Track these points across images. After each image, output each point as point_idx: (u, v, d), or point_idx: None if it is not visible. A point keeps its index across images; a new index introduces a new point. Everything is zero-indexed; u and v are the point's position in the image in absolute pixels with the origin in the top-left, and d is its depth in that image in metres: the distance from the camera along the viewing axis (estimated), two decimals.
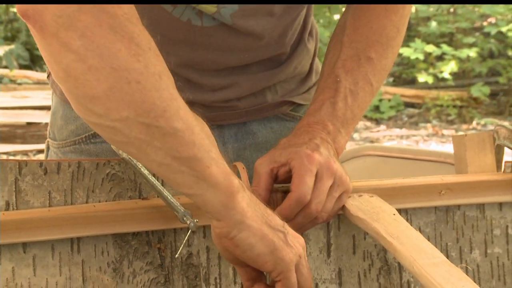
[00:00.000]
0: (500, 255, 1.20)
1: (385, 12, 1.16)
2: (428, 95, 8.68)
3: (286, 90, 1.29)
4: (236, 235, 0.93)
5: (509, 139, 1.17)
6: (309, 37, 1.31)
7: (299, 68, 1.29)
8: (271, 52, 1.23)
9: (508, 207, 1.20)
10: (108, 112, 0.87)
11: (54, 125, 1.29)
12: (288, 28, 1.23)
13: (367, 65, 1.13)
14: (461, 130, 7.92)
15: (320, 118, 1.10)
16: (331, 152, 1.07)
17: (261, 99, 1.26)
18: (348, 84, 1.12)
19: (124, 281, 1.04)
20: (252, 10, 1.15)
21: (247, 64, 1.22)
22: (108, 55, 0.85)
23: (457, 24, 8.79)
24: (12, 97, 7.58)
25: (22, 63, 9.00)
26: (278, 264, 0.95)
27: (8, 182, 1.00)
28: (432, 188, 1.16)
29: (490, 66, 8.77)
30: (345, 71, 1.12)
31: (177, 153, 0.89)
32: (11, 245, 1.00)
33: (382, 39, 1.15)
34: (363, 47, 1.14)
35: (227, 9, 1.14)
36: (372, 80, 1.13)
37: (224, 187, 0.92)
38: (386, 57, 1.16)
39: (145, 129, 0.87)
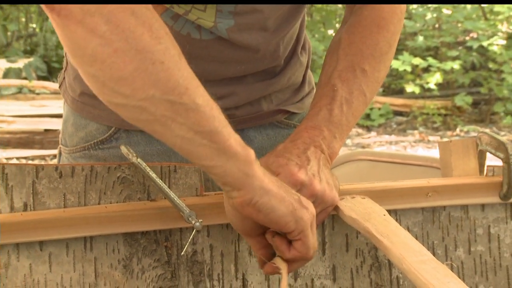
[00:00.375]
0: (482, 252, 1.19)
1: (378, 28, 1.16)
2: (415, 104, 8.68)
3: (281, 100, 1.28)
4: (258, 201, 0.93)
5: (491, 145, 1.17)
6: (302, 51, 1.31)
7: (292, 79, 1.29)
8: (266, 64, 1.23)
9: (490, 208, 1.20)
10: (135, 92, 0.87)
11: (66, 132, 1.29)
12: (281, 42, 1.23)
13: (362, 76, 1.13)
14: (446, 136, 7.92)
15: (317, 123, 1.10)
16: (321, 163, 1.06)
17: (257, 108, 1.26)
18: (344, 93, 1.11)
19: (133, 277, 1.04)
20: (247, 25, 1.15)
21: (243, 75, 1.22)
22: (132, 38, 0.85)
23: (442, 39, 8.79)
24: (31, 106, 7.58)
25: (40, 74, 9.00)
26: (299, 223, 0.95)
27: (26, 185, 1.00)
28: (419, 191, 1.15)
29: (472, 78, 8.77)
30: (341, 81, 1.12)
31: (199, 127, 0.89)
32: (29, 244, 1.00)
33: (375, 53, 1.15)
34: (357, 60, 1.14)
35: (223, 24, 1.13)
36: (366, 91, 1.13)
37: (243, 157, 0.92)
38: (379, 70, 1.16)
39: (170, 106, 0.87)
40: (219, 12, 1.12)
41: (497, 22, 8.67)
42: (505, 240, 1.21)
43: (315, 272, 1.12)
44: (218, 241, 1.08)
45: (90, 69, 0.87)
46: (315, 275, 1.12)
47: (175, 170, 1.06)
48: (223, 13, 1.13)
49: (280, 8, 1.17)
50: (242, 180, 0.92)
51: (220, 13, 1.13)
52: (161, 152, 1.22)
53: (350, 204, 1.08)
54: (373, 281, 1.15)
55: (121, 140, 1.22)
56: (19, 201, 1.00)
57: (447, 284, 0.90)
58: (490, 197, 1.18)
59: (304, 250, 0.98)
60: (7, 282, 0.99)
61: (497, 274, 1.20)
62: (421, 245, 0.99)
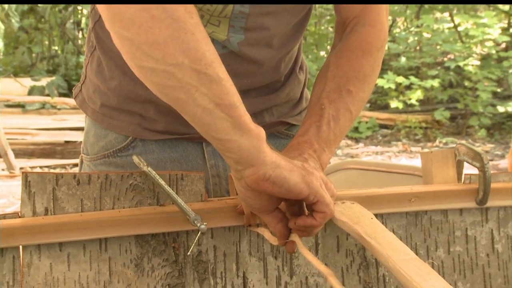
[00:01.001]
0: (460, 252, 1.19)
1: (362, 53, 1.16)
2: (398, 118, 8.69)
3: (281, 113, 1.29)
4: (271, 174, 0.92)
5: (468, 155, 1.17)
6: (300, 70, 1.32)
7: (291, 94, 1.30)
8: (268, 79, 1.24)
9: (467, 212, 1.19)
10: (166, 57, 0.86)
11: (87, 142, 1.29)
12: (282, 59, 1.24)
13: (347, 96, 1.13)
14: (427, 147, 7.92)
15: (308, 138, 1.10)
16: (317, 164, 1.06)
17: (260, 120, 1.26)
18: (331, 111, 1.11)
19: (144, 275, 1.04)
20: (255, 40, 1.16)
21: (248, 89, 1.22)
22: (169, 8, 0.85)
23: (422, 60, 8.81)
24: (53, 120, 7.60)
25: (61, 91, 9.02)
26: (311, 187, 0.94)
27: (47, 191, 1.00)
28: (403, 196, 1.15)
29: (450, 94, 8.79)
30: (329, 101, 1.12)
31: (220, 99, 0.89)
32: (49, 245, 1.00)
33: (359, 76, 1.15)
34: (343, 82, 1.14)
35: (235, 38, 1.14)
36: (351, 109, 1.13)
37: (255, 134, 0.92)
38: (363, 91, 1.16)
39: (196, 75, 0.87)
40: (232, 28, 1.13)
41: (472, 45, 8.69)
42: (481, 241, 1.20)
43: (309, 270, 1.12)
44: (221, 243, 1.08)
45: (127, 33, 0.87)
46: (309, 273, 1.12)
47: (182, 178, 1.05)
48: (235, 28, 1.14)
49: (284, 28, 1.18)
50: (255, 156, 0.91)
51: (232, 28, 1.13)
52: (174, 159, 1.22)
53: (340, 208, 1.08)
54: (361, 278, 1.14)
55: (138, 148, 1.22)
56: (40, 206, 1.00)
57: (429, 281, 0.89)
58: (467, 203, 1.18)
59: (325, 208, 0.96)
60: (30, 279, 0.99)
61: (474, 272, 1.19)
62: (405, 246, 0.98)
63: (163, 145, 1.22)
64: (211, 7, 1.11)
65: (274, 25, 1.16)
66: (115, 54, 1.12)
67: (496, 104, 8.26)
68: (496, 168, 6.43)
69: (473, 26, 8.70)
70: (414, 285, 0.89)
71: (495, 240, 1.21)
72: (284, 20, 1.17)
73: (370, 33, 1.18)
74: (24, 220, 0.98)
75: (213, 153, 1.24)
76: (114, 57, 1.18)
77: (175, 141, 1.23)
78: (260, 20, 1.14)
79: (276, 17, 1.16)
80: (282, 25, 1.17)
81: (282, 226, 1.00)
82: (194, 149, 1.24)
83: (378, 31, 1.18)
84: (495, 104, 8.26)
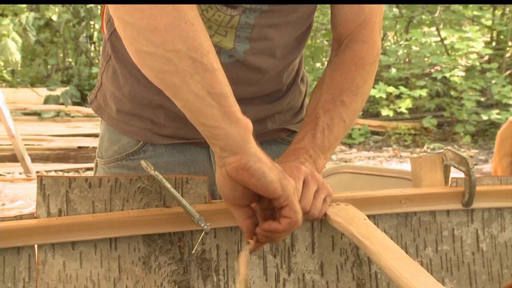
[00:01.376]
0: (447, 251, 1.19)
1: (356, 67, 1.17)
2: (389, 125, 8.69)
3: (283, 120, 1.29)
4: (252, 166, 0.90)
5: (454, 160, 1.16)
6: (301, 82, 1.33)
7: (292, 103, 1.30)
8: (270, 87, 1.24)
9: (454, 213, 1.19)
10: (165, 43, 0.86)
11: (102, 147, 1.29)
12: (285, 69, 1.24)
13: (341, 106, 1.13)
14: (415, 152, 7.91)
15: (303, 145, 1.10)
16: (313, 168, 1.06)
17: (263, 126, 1.26)
18: (326, 120, 1.11)
19: (151, 272, 1.03)
20: (259, 50, 1.16)
21: (252, 97, 1.22)
22: None
23: (411, 71, 8.81)
24: (67, 127, 7.60)
25: (74, 100, 9.02)
26: (285, 190, 0.92)
27: (61, 194, 1.00)
28: (394, 199, 1.15)
29: (437, 103, 8.79)
30: (324, 111, 1.12)
31: (212, 88, 0.88)
32: (63, 244, 0.99)
33: (352, 87, 1.15)
34: (338, 93, 1.14)
35: (241, 47, 1.15)
36: (345, 118, 1.13)
37: (243, 124, 0.91)
38: (356, 102, 1.16)
39: (191, 63, 0.87)
40: (238, 37, 1.14)
41: (457, 57, 8.69)
42: (466, 240, 1.20)
43: (306, 268, 1.11)
44: (224, 242, 1.07)
45: (130, 18, 0.87)
46: (306, 270, 1.11)
47: (187, 181, 1.05)
48: (241, 38, 1.14)
49: (287, 39, 1.19)
50: (240, 144, 0.90)
51: (238, 38, 1.14)
52: (182, 163, 1.22)
53: (335, 210, 1.08)
54: (355, 275, 1.13)
55: (148, 152, 1.22)
56: (54, 208, 0.99)
57: (418, 278, 0.89)
58: (454, 204, 1.18)
59: (292, 214, 0.94)
60: (44, 276, 0.98)
61: (460, 270, 1.19)
62: (396, 245, 0.98)
63: (172, 149, 1.22)
64: (219, 18, 1.11)
65: (277, 37, 1.17)
66: (130, 62, 1.12)
67: (480, 112, 8.26)
68: (480, 172, 6.42)
69: (458, 39, 8.71)
70: (404, 282, 0.89)
71: (480, 240, 1.20)
72: (286, 32, 1.18)
73: (363, 48, 1.18)
74: (39, 220, 0.98)
75: None
76: (128, 65, 1.18)
77: (183, 146, 1.23)
78: (264, 31, 1.15)
79: (279, 29, 1.16)
80: (285, 36, 1.18)
81: (249, 223, 0.97)
82: (201, 153, 1.24)
83: (370, 47, 1.19)
84: (479, 112, 8.26)
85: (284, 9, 1.15)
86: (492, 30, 9.81)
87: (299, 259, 1.11)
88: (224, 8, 1.11)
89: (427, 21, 9.33)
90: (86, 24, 10.00)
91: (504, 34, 9.30)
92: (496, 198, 1.19)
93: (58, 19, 9.58)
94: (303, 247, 1.12)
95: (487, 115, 8.05)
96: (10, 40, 8.41)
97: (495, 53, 9.15)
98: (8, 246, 0.96)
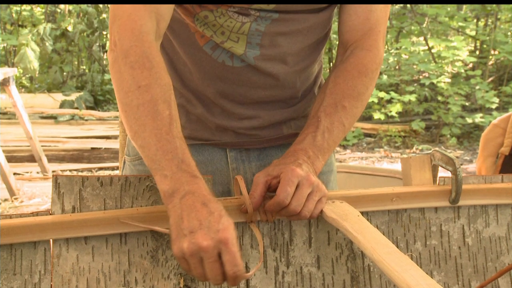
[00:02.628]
0: (436, 245, 1.18)
1: (358, 74, 1.15)
2: (381, 128, 8.68)
3: (298, 126, 1.26)
4: None
5: (442, 160, 1.16)
6: (318, 90, 1.30)
7: (308, 110, 1.27)
8: (285, 92, 1.22)
9: (442, 210, 1.18)
10: None
11: (129, 145, 1.29)
12: (298, 76, 1.22)
13: (342, 111, 1.12)
14: (405, 153, 7.90)
15: (303, 146, 1.08)
16: (310, 169, 1.05)
17: (278, 131, 1.25)
18: (326, 124, 1.10)
19: (159, 265, 1.03)
20: (270, 56, 1.15)
21: (266, 101, 1.21)
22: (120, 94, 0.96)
23: (401, 77, 8.80)
24: (81, 129, 7.60)
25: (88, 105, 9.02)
26: None
27: (74, 192, 0.99)
28: (385, 196, 1.14)
29: (425, 107, 8.77)
30: (325, 114, 1.11)
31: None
32: (76, 239, 0.99)
33: (354, 94, 1.14)
34: (339, 98, 1.13)
35: (251, 53, 1.14)
36: (344, 122, 1.12)
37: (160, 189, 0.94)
38: (357, 107, 1.15)
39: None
40: (249, 44, 1.13)
41: (443, 65, 8.68)
42: (453, 235, 1.19)
43: (303, 261, 1.11)
44: None
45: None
46: (303, 263, 1.11)
47: None
48: (252, 44, 1.14)
49: (298, 47, 1.17)
50: None
51: (249, 44, 1.13)
52: (200, 162, 1.20)
53: (331, 207, 1.07)
54: (349, 268, 1.13)
55: None
56: (68, 205, 0.99)
57: (408, 271, 0.88)
58: (442, 202, 1.17)
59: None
60: (59, 269, 0.98)
61: (447, 263, 1.18)
62: (387, 240, 0.98)
63: (191, 149, 1.21)
64: (231, 24, 1.11)
65: (287, 44, 1.15)
66: None
67: (465, 116, 8.25)
68: (465, 171, 6.41)
69: (444, 48, 8.70)
70: (396, 274, 0.88)
71: (465, 235, 1.20)
72: (297, 40, 1.16)
73: (366, 57, 1.17)
74: (54, 217, 0.98)
75: (235, 158, 1.23)
76: None
77: (201, 146, 1.22)
78: (275, 39, 1.14)
79: (289, 38, 1.15)
80: (295, 44, 1.17)
81: None
82: (219, 154, 1.23)
83: (374, 56, 1.18)
84: (464, 116, 8.25)
85: (295, 18, 1.14)
86: (476, 39, 9.81)
87: (297, 253, 1.10)
88: (236, 15, 1.11)
89: (416, 31, 9.32)
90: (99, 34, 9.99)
91: (487, 43, 9.30)
92: (481, 196, 1.18)
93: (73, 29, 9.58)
94: (300, 242, 1.11)
95: (471, 119, 8.04)
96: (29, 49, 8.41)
97: (478, 61, 9.14)
98: (25, 241, 0.96)
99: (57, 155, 6.89)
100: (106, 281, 1.00)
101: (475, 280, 1.18)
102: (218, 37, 1.13)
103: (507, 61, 8.74)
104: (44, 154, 6.18)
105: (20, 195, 5.30)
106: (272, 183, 1.04)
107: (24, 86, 10.22)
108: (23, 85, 10.26)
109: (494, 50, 9.06)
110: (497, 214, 1.21)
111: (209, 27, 1.13)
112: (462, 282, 1.18)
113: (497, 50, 8.83)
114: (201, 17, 1.13)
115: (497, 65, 9.51)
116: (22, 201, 5.21)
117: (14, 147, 6.76)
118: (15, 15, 10.70)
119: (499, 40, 8.66)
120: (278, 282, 1.09)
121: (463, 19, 9.36)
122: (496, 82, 9.17)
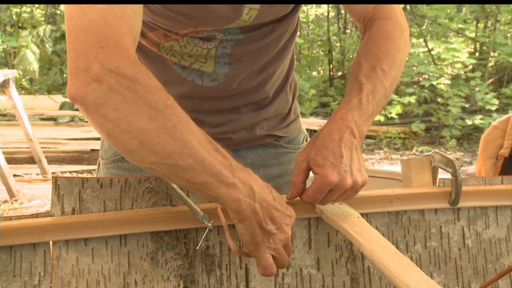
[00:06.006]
0: (435, 247, 1.18)
1: (386, 39, 1.14)
2: (381, 129, 8.68)
3: (270, 126, 1.29)
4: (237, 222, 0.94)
5: (442, 162, 1.16)
6: (289, 89, 1.32)
7: (279, 109, 1.30)
8: (256, 97, 1.24)
9: (441, 212, 1.18)
10: (142, 159, 0.87)
11: (103, 148, 1.31)
12: (269, 80, 1.24)
13: (381, 73, 1.10)
14: (405, 155, 7.90)
15: (350, 108, 1.05)
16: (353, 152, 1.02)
17: (251, 133, 1.26)
18: (370, 87, 1.08)
19: (159, 267, 1.03)
20: (240, 72, 1.17)
21: (238, 106, 1.23)
22: (134, 121, 0.84)
23: (401, 79, 8.82)
24: (81, 131, 7.59)
25: None
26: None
27: (74, 194, 0.99)
28: (385, 198, 1.14)
29: (425, 109, 8.78)
30: (366, 78, 1.09)
31: (194, 180, 0.88)
32: (76, 240, 0.99)
33: (388, 56, 1.12)
34: (376, 62, 1.11)
35: (220, 70, 1.16)
36: (386, 85, 1.10)
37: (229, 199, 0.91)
38: (394, 69, 1.12)
39: (169, 168, 0.87)
40: (217, 64, 1.16)
41: (443, 67, 8.69)
42: (453, 237, 1.19)
43: (303, 263, 1.11)
44: (226, 239, 1.07)
45: (109, 141, 0.88)
46: (303, 265, 1.11)
47: None
48: (220, 64, 1.16)
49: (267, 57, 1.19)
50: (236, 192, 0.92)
51: (217, 64, 1.16)
52: None
53: (331, 208, 1.07)
54: (349, 270, 1.13)
55: None
56: (68, 207, 0.99)
57: (408, 272, 0.88)
58: (442, 203, 1.17)
59: None
60: (58, 271, 0.98)
61: (447, 264, 1.18)
62: (387, 241, 0.98)
63: None
64: (197, 52, 1.13)
65: (253, 60, 1.18)
66: None
67: (465, 117, 8.25)
68: (465, 173, 6.41)
69: (444, 50, 8.70)
70: (396, 276, 0.88)
71: (465, 236, 1.20)
72: (267, 52, 1.19)
73: (387, 24, 1.16)
74: (54, 218, 0.98)
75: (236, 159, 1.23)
76: None
77: None
78: (241, 57, 1.16)
79: (257, 52, 1.18)
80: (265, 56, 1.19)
81: None
82: None
83: (395, 23, 1.17)
84: (464, 117, 8.25)
85: (260, 33, 1.16)
86: (475, 41, 9.81)
87: (297, 254, 1.10)
88: (201, 43, 1.13)
89: (416, 33, 9.32)
90: None
91: (486, 45, 9.30)
92: (481, 197, 1.18)
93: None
94: (300, 244, 1.11)
95: (471, 120, 8.04)
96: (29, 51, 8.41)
97: (478, 62, 9.14)
98: (25, 243, 0.96)
99: (56, 156, 6.89)
100: (106, 282, 1.00)
101: (475, 282, 1.18)
102: (186, 60, 1.17)
103: (506, 62, 8.75)
104: (44, 156, 6.18)
105: (20, 197, 5.30)
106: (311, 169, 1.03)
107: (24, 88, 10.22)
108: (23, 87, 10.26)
109: (494, 51, 9.06)
110: (497, 215, 1.21)
111: (176, 54, 1.16)
112: (462, 284, 1.18)
113: (497, 51, 8.83)
114: (167, 47, 1.15)
115: (497, 67, 9.51)
116: (22, 202, 5.21)
117: (14, 148, 6.76)
118: (15, 17, 10.71)
119: (498, 42, 8.67)
120: (278, 283, 1.09)
121: (462, 21, 9.38)
122: (496, 83, 9.17)
